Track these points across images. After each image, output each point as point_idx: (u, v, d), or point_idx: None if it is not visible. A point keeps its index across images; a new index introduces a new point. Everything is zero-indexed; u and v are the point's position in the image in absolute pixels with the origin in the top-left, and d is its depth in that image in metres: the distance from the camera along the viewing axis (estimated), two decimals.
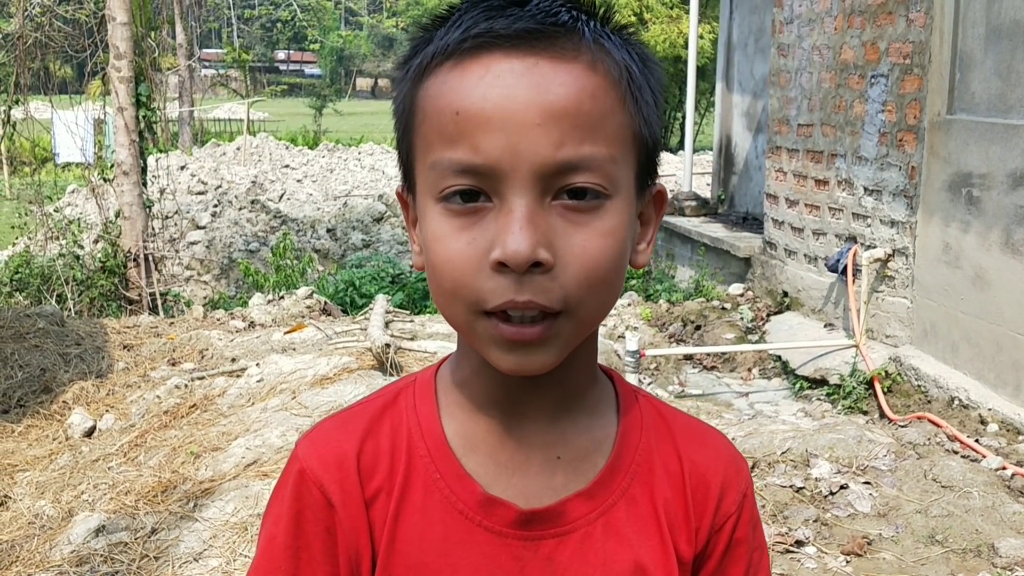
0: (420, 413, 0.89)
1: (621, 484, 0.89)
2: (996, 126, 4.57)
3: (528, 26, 0.77)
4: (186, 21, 27.81)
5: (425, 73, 0.80)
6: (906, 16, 5.20)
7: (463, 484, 0.86)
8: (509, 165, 0.75)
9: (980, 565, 3.23)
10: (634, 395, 0.94)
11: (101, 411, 4.98)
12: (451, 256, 0.78)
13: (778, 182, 6.67)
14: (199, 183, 15.72)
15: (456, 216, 0.78)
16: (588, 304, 0.79)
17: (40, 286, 8.96)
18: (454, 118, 0.77)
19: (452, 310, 0.81)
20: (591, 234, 0.77)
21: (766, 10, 7.96)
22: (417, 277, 9.75)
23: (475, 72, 0.77)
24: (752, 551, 0.94)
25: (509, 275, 0.75)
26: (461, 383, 0.89)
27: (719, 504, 0.92)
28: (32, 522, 3.66)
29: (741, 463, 0.95)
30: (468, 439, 0.88)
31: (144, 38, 9.35)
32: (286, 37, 64.01)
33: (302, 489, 0.87)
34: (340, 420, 0.91)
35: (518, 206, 0.75)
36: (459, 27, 0.78)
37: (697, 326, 6.53)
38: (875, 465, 3.92)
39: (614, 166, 0.78)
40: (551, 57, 0.77)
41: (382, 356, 4.81)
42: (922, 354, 5.05)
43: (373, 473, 0.87)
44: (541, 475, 0.87)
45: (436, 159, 0.78)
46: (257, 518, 3.39)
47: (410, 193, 0.87)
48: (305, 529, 0.87)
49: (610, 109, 0.78)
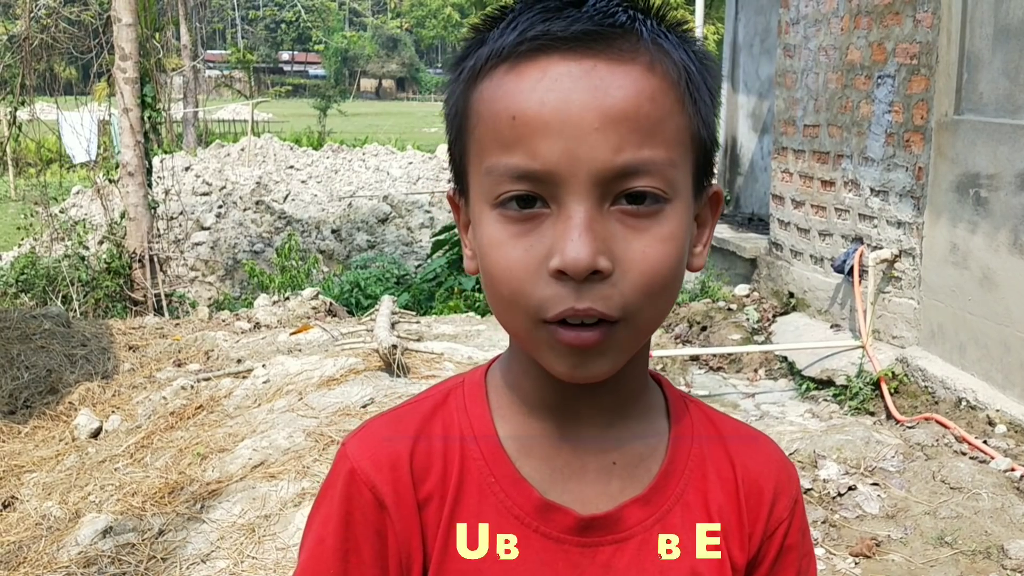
0: (472, 415, 0.88)
1: (676, 490, 0.88)
2: (1004, 126, 4.56)
3: (586, 28, 0.75)
4: (190, 22, 27.84)
5: (479, 76, 0.79)
6: (913, 16, 5.19)
7: (519, 489, 0.85)
8: (567, 171, 0.74)
9: (989, 567, 3.22)
10: (683, 400, 0.93)
11: (107, 412, 4.98)
12: (509, 264, 0.77)
13: (784, 183, 6.66)
14: (204, 184, 15.73)
15: (513, 223, 0.77)
16: (646, 311, 0.78)
17: (46, 287, 8.97)
18: (511, 123, 0.75)
19: (510, 317, 0.79)
20: (651, 240, 0.76)
21: (772, 11, 7.95)
22: (422, 278, 9.75)
23: (532, 76, 0.75)
24: (801, 557, 0.94)
25: (568, 283, 0.74)
26: (513, 385, 0.88)
27: (772, 510, 0.91)
28: (39, 523, 3.67)
29: (792, 469, 0.95)
30: (522, 443, 0.86)
31: (149, 39, 9.36)
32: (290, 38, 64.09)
33: (352, 490, 0.86)
34: (390, 419, 0.90)
35: (577, 212, 0.74)
36: (514, 29, 0.77)
37: (703, 327, 6.52)
38: (883, 466, 3.91)
39: (673, 169, 0.77)
40: (609, 59, 0.75)
41: (389, 357, 4.81)
42: (929, 355, 5.04)
43: (426, 475, 0.85)
44: (598, 481, 0.86)
45: (492, 164, 0.77)
46: (264, 519, 3.39)
47: (462, 197, 0.85)
48: (355, 531, 0.85)
49: (669, 111, 0.77)
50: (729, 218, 8.68)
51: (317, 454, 3.81)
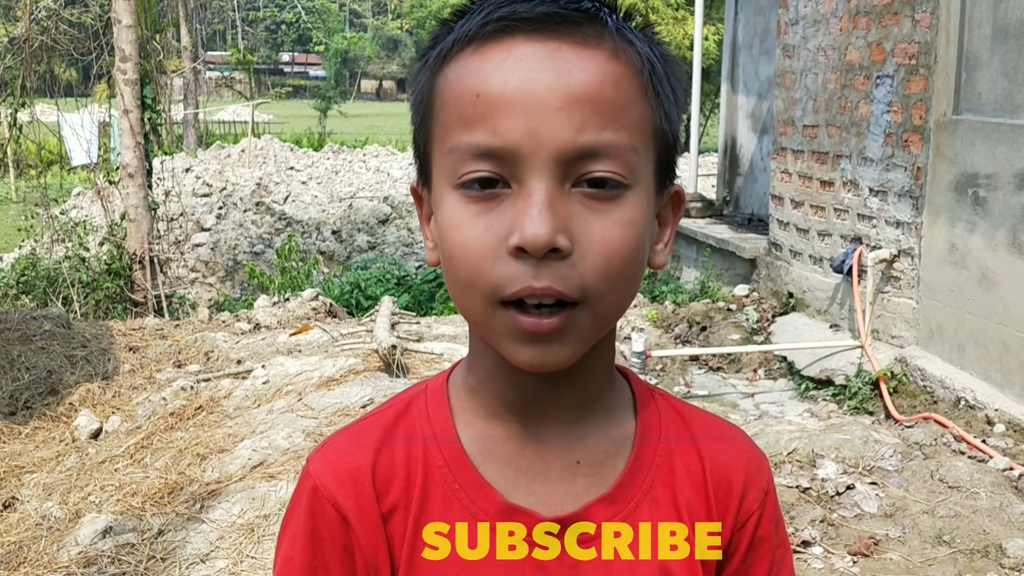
0: (434, 421, 0.87)
1: (643, 486, 0.87)
2: (1002, 126, 4.56)
3: (551, 10, 0.76)
4: (191, 23, 27.85)
5: (445, 60, 0.80)
6: (912, 16, 5.20)
7: (483, 493, 0.84)
8: (529, 148, 0.74)
9: (988, 566, 3.22)
10: (651, 394, 0.92)
11: (107, 413, 4.99)
12: (468, 243, 0.76)
13: (783, 183, 6.66)
14: (204, 185, 15.74)
15: (474, 202, 0.77)
16: (606, 296, 0.77)
17: (46, 288, 8.98)
18: (474, 101, 0.76)
19: (468, 300, 0.79)
20: (610, 223, 0.76)
21: (771, 11, 7.96)
22: (423, 279, 9.75)
23: (496, 56, 0.76)
24: (775, 548, 0.93)
25: (527, 260, 0.74)
26: (475, 388, 0.87)
27: (741, 502, 0.90)
28: (39, 523, 3.67)
29: (762, 460, 0.94)
30: (485, 446, 0.86)
31: (149, 41, 9.37)
32: (291, 39, 64.10)
33: (316, 507, 0.85)
34: (352, 433, 0.89)
35: (537, 190, 0.74)
36: (480, 12, 0.78)
37: (703, 327, 6.53)
38: (881, 465, 3.91)
39: (635, 155, 0.77)
40: (574, 42, 0.76)
41: (388, 358, 4.81)
42: (928, 355, 5.04)
43: (389, 487, 0.85)
44: (562, 481, 0.85)
45: (455, 143, 0.77)
46: (264, 520, 3.40)
47: (425, 187, 0.85)
48: (322, 548, 0.85)
49: (632, 98, 0.78)
50: (729, 218, 8.69)
51: None
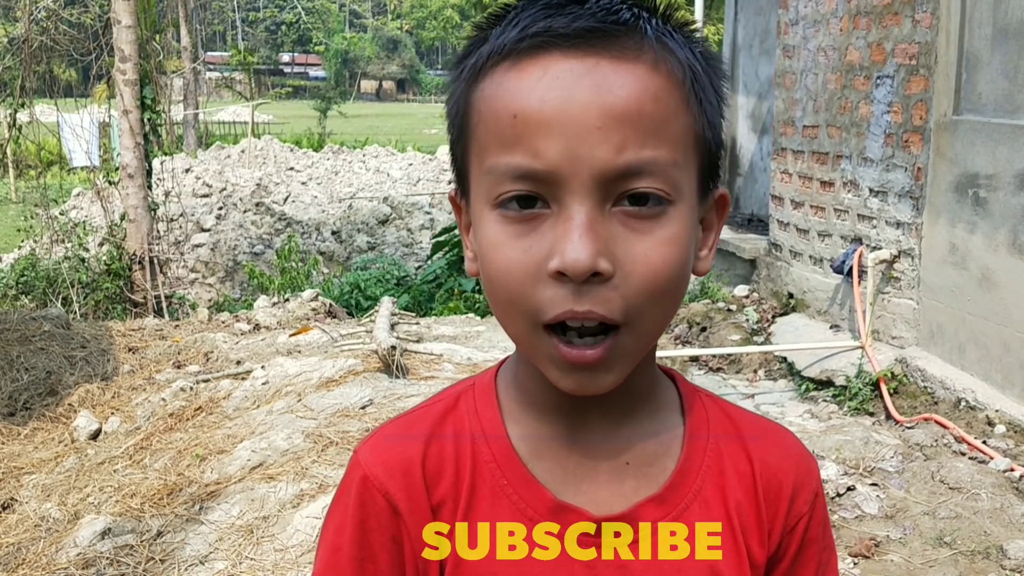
0: (483, 417, 0.87)
1: (692, 487, 0.86)
2: (1003, 127, 4.56)
3: (588, 24, 0.74)
4: (191, 24, 27.86)
5: (480, 74, 0.78)
6: (912, 17, 5.19)
7: (532, 490, 0.84)
8: (568, 170, 0.73)
9: (989, 567, 3.22)
10: (697, 395, 0.92)
11: (107, 414, 4.98)
12: (508, 265, 0.75)
13: (783, 184, 6.66)
14: (204, 186, 15.73)
15: (512, 223, 0.75)
16: (649, 316, 0.76)
17: (46, 289, 8.98)
18: (511, 121, 0.74)
19: (510, 321, 0.78)
20: (653, 242, 0.75)
21: (771, 11, 7.95)
22: (423, 279, 9.75)
23: (533, 73, 0.74)
24: (822, 551, 0.92)
25: (567, 284, 0.73)
26: (522, 388, 0.87)
27: (791, 505, 0.89)
28: (38, 525, 3.67)
29: (812, 462, 0.93)
30: (534, 445, 0.85)
31: (149, 41, 9.36)
32: (291, 40, 64.13)
33: (366, 497, 0.85)
34: (402, 424, 0.89)
35: (577, 213, 0.73)
36: (516, 26, 0.76)
37: (703, 328, 6.52)
38: (882, 467, 3.90)
39: (677, 170, 0.76)
40: (612, 57, 0.74)
41: (388, 358, 4.81)
42: (928, 355, 5.03)
43: (439, 479, 0.85)
44: (611, 482, 0.85)
45: (492, 164, 0.76)
46: (263, 521, 3.39)
47: (464, 198, 0.84)
48: (370, 539, 0.85)
49: (673, 111, 0.76)
50: (729, 219, 8.67)
51: (316, 455, 3.81)
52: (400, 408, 4.23)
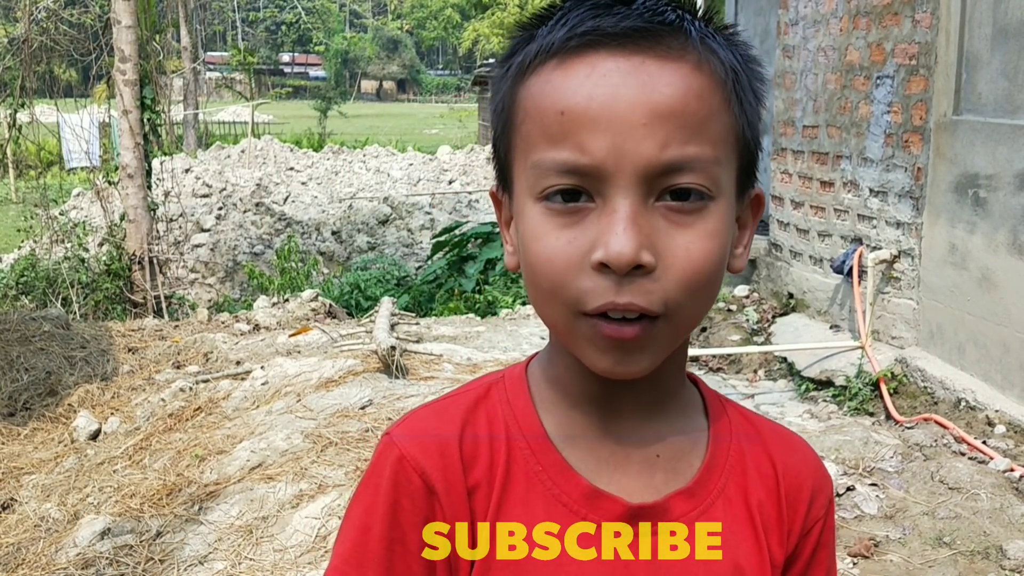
0: (515, 407, 0.88)
1: (718, 484, 0.89)
2: (1003, 127, 4.55)
3: (635, 24, 0.76)
4: (191, 24, 27.87)
5: (528, 71, 0.80)
6: (912, 17, 5.19)
7: (567, 477, 0.85)
8: (614, 165, 0.75)
9: (988, 567, 3.21)
10: (719, 399, 0.94)
11: (106, 414, 4.98)
12: (550, 255, 0.77)
13: (783, 184, 6.66)
14: (204, 186, 15.73)
15: (557, 215, 0.77)
16: (687, 308, 0.78)
17: (45, 289, 8.98)
18: (559, 118, 0.76)
19: (549, 310, 0.80)
20: (694, 236, 0.77)
21: (771, 12, 7.95)
22: (422, 279, 9.76)
23: (581, 71, 0.76)
24: (830, 556, 0.95)
25: (610, 276, 0.75)
26: (555, 380, 0.88)
27: (810, 508, 0.92)
28: (38, 525, 3.67)
29: (826, 470, 0.97)
30: (567, 434, 0.87)
31: (149, 41, 9.37)
32: (291, 40, 64.15)
33: (400, 476, 0.85)
34: (435, 409, 0.90)
35: (622, 206, 0.75)
36: (564, 25, 0.78)
37: (703, 328, 6.52)
38: (882, 467, 3.90)
39: (718, 168, 0.78)
40: (658, 56, 0.76)
41: (388, 359, 4.80)
42: (928, 355, 5.03)
43: (474, 462, 0.85)
44: (642, 472, 0.86)
45: (539, 158, 0.78)
46: (262, 521, 3.39)
47: (505, 192, 0.86)
48: (401, 520, 0.84)
49: (715, 110, 0.78)
50: None
51: (315, 456, 3.81)
52: (400, 408, 4.23)
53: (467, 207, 15.61)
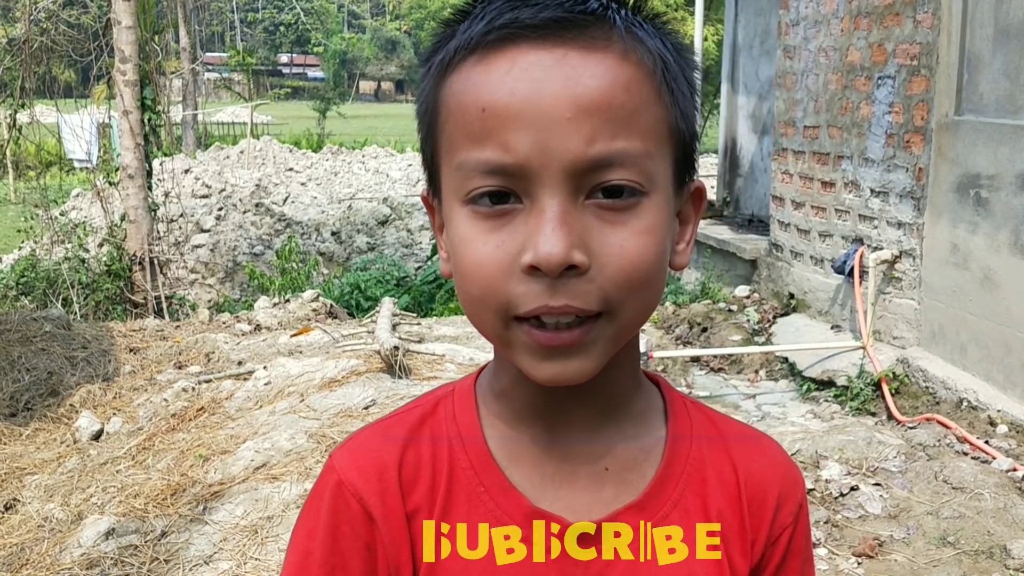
0: (460, 423, 0.85)
1: (673, 495, 0.85)
2: (1004, 127, 4.56)
3: (556, 15, 0.73)
4: (190, 25, 27.86)
5: (448, 69, 0.77)
6: (913, 17, 5.20)
7: (508, 497, 0.82)
8: (539, 163, 0.71)
9: (992, 567, 3.22)
10: (683, 402, 0.90)
11: (108, 414, 4.98)
12: (480, 260, 0.74)
13: (784, 184, 6.66)
14: (203, 186, 15.72)
15: (484, 219, 0.74)
16: (629, 306, 0.75)
17: (46, 290, 8.98)
18: (480, 115, 0.73)
19: (482, 317, 0.77)
20: (628, 233, 0.73)
21: (772, 12, 7.96)
22: (422, 280, 9.75)
23: (501, 66, 0.73)
24: (803, 563, 0.91)
25: (542, 279, 0.72)
26: (500, 393, 0.85)
27: (776, 515, 0.88)
28: (41, 525, 3.66)
29: (797, 472, 0.92)
30: (511, 451, 0.84)
31: (148, 42, 9.36)
32: (289, 40, 64.11)
33: (339, 502, 0.83)
34: (378, 430, 0.87)
35: (550, 206, 0.71)
36: (483, 19, 0.75)
37: (704, 328, 6.52)
38: (885, 467, 3.91)
39: (650, 161, 0.75)
40: (581, 47, 0.73)
41: (391, 359, 4.80)
42: (930, 355, 5.04)
43: (414, 485, 0.83)
44: (589, 488, 0.83)
45: (463, 159, 0.75)
46: (267, 521, 3.39)
47: (435, 197, 0.83)
48: (342, 545, 0.83)
49: (644, 101, 0.74)
50: (729, 219, 8.69)
51: (319, 456, 3.81)
52: None
53: None
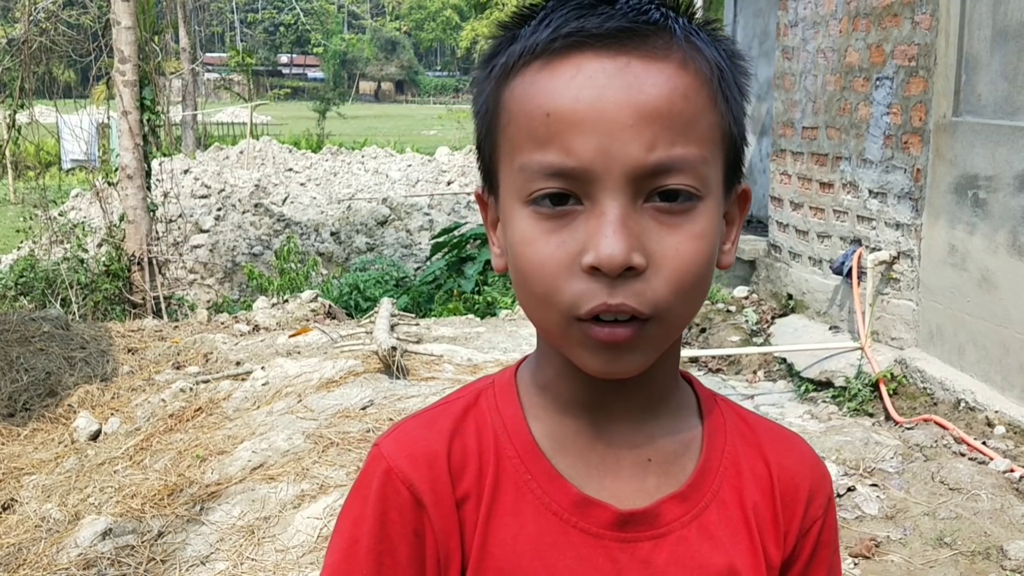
0: (504, 414, 0.87)
1: (712, 487, 0.88)
2: (1003, 128, 4.56)
3: (620, 24, 0.76)
4: (189, 25, 27.87)
5: (511, 73, 0.79)
6: (911, 18, 5.20)
7: (556, 485, 0.85)
8: (602, 167, 0.75)
9: (989, 568, 3.22)
10: (714, 399, 0.93)
11: (106, 414, 4.98)
12: (541, 260, 0.77)
13: (783, 185, 6.66)
14: (203, 187, 15.72)
15: (545, 219, 0.77)
16: (678, 308, 0.78)
17: (45, 290, 8.98)
18: (544, 120, 0.76)
19: (542, 314, 0.80)
20: (684, 237, 0.77)
21: (770, 13, 7.96)
22: (422, 280, 9.76)
23: (566, 72, 0.76)
24: (832, 554, 0.94)
25: (601, 279, 0.75)
26: (544, 385, 0.88)
27: (807, 508, 0.91)
28: (39, 525, 3.67)
29: (825, 468, 0.96)
30: (557, 440, 0.86)
31: (148, 42, 9.36)
32: (289, 41, 64.12)
33: (388, 489, 0.85)
34: (423, 419, 0.89)
35: (611, 209, 0.75)
36: (548, 25, 0.77)
37: (702, 329, 6.53)
38: (882, 467, 3.91)
39: (705, 167, 0.78)
40: (643, 56, 0.76)
41: (389, 359, 4.81)
42: (928, 356, 5.04)
43: (463, 473, 0.85)
44: (633, 477, 0.86)
45: (525, 162, 0.77)
46: (264, 521, 3.39)
47: (491, 195, 0.86)
48: (390, 532, 0.84)
49: (702, 109, 0.78)
50: None
51: (317, 456, 3.81)
52: (401, 409, 4.23)
53: (466, 208, 15.61)
